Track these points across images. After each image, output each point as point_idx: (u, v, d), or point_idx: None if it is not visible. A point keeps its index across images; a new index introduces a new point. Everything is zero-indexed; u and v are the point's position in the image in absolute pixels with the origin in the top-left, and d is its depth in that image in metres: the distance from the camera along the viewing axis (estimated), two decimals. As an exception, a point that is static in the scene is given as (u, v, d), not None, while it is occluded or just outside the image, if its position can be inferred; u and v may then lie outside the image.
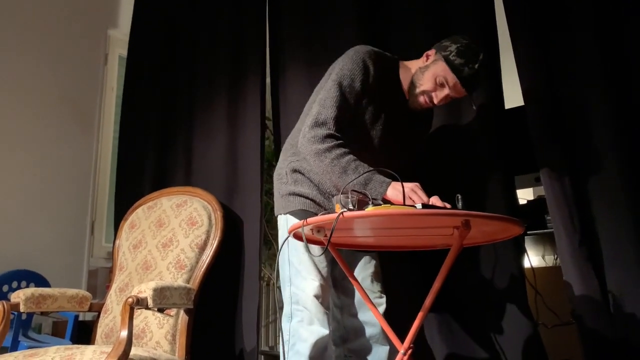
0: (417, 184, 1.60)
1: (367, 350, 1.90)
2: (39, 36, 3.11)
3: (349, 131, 1.77)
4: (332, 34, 2.51)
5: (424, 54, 1.85)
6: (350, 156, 1.68)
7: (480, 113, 2.16)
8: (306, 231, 1.57)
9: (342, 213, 1.36)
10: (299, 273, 1.81)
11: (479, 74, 1.76)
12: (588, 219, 1.91)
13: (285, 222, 1.87)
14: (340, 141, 1.71)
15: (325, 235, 1.57)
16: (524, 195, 2.40)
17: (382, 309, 1.90)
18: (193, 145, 2.84)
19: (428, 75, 1.80)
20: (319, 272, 1.80)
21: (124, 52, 3.28)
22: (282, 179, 1.89)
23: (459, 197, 1.49)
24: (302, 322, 1.77)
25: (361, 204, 1.43)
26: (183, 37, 3.03)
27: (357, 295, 1.92)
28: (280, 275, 1.89)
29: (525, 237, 2.20)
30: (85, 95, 3.30)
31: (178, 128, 2.91)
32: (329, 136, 1.70)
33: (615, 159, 1.87)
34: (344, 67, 1.78)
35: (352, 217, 1.36)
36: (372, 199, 1.53)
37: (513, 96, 2.26)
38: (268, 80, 2.71)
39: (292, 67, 2.60)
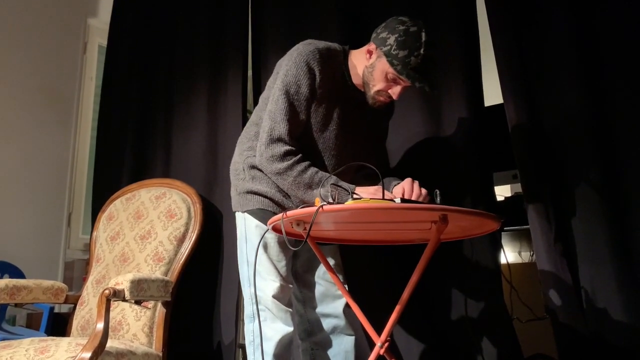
0: (379, 187, 1.59)
1: (333, 342, 1.91)
2: (16, 24, 3.04)
3: (303, 137, 1.75)
4: (314, 26, 2.50)
5: (365, 50, 1.73)
6: (312, 169, 1.68)
7: (459, 110, 2.18)
8: (285, 224, 1.57)
9: (322, 206, 1.36)
10: (258, 274, 1.80)
11: (427, 57, 1.62)
12: (563, 216, 1.95)
13: (243, 221, 1.85)
14: (299, 155, 1.70)
15: (305, 229, 1.57)
16: (502, 192, 2.43)
17: (344, 299, 1.90)
18: (173, 137, 2.81)
19: (377, 75, 1.71)
20: (278, 272, 1.80)
21: (104, 42, 3.23)
22: (239, 175, 1.86)
23: (437, 193, 1.51)
24: (265, 322, 1.78)
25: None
26: (164, 27, 3.00)
27: (317, 288, 1.93)
28: (239, 275, 1.89)
29: (502, 233, 2.23)
30: (63, 84, 3.25)
31: (158, 119, 2.88)
32: (287, 153, 1.68)
33: (590, 158, 1.91)
34: (289, 73, 1.72)
35: (332, 210, 1.37)
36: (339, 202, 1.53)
37: (493, 93, 2.29)
38: (250, 73, 2.70)
39: (274, 59, 2.59)
